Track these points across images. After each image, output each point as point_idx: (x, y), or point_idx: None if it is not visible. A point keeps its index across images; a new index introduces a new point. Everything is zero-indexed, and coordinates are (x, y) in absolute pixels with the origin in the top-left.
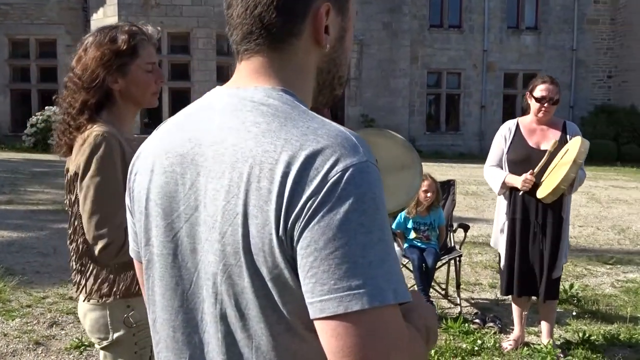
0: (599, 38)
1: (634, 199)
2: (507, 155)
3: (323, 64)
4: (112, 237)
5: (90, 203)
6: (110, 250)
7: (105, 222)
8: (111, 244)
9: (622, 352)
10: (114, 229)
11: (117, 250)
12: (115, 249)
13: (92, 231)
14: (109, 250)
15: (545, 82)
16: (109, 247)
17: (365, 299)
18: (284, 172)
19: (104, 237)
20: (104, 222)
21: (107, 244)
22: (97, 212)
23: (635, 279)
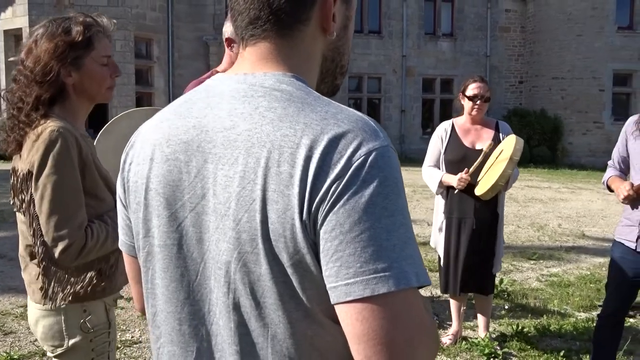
0: (510, 45)
1: (548, 197)
2: (444, 155)
3: (328, 52)
4: (73, 238)
5: (48, 203)
6: (71, 252)
7: (65, 222)
8: (72, 246)
9: (553, 342)
10: (74, 230)
11: (78, 252)
12: (76, 250)
13: (52, 233)
14: (70, 252)
15: (476, 81)
16: (70, 248)
17: (392, 281)
18: (307, 156)
19: (64, 239)
20: (64, 223)
21: (68, 245)
22: (55, 213)
23: (557, 273)
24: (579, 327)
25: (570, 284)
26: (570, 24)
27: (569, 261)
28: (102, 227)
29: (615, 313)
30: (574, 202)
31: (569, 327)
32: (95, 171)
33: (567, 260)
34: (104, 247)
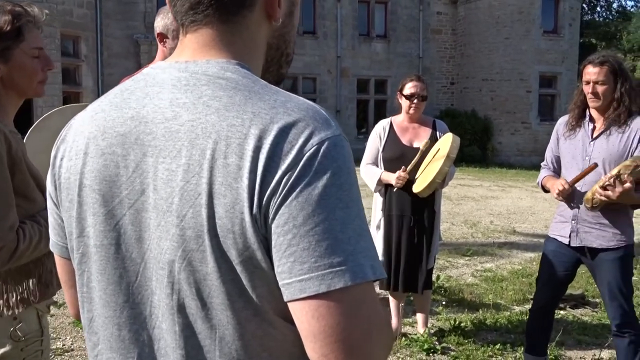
0: (442, 47)
1: (480, 195)
2: (383, 153)
3: (273, 40)
4: (4, 241)
5: None
6: (2, 255)
7: None
8: (2, 249)
9: (489, 335)
10: (5, 232)
11: (10, 256)
12: (7, 253)
13: None
14: (1, 256)
15: (413, 80)
16: (1, 252)
17: (348, 275)
18: (256, 147)
19: None
20: None
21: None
22: None
23: (491, 268)
24: (513, 320)
25: (503, 278)
26: (498, 27)
27: (501, 257)
28: (34, 228)
29: (546, 306)
30: (505, 199)
31: (504, 321)
32: (26, 170)
33: (499, 255)
34: (37, 250)
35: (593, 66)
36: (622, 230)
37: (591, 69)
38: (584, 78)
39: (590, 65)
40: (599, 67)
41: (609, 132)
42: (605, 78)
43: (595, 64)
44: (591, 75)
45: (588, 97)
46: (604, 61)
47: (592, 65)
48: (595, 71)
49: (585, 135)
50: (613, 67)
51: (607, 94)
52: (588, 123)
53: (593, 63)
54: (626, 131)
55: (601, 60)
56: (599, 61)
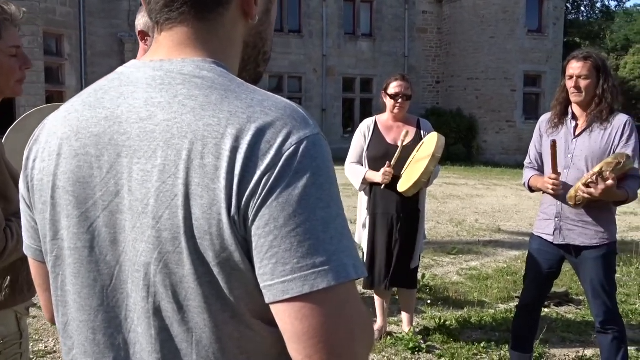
0: (427, 46)
1: (465, 194)
2: (367, 152)
3: (250, 38)
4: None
5: None
6: None
7: None
8: None
9: (474, 333)
10: None
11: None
12: None
13: None
14: None
15: (398, 80)
16: None
17: (331, 275)
18: (233, 147)
19: None
20: None
21: None
22: None
23: (476, 266)
24: (498, 319)
25: (488, 276)
26: (483, 26)
27: (486, 255)
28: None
29: (532, 303)
30: (490, 198)
31: (489, 319)
32: (5, 170)
33: (485, 254)
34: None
35: (577, 61)
36: (605, 227)
37: (575, 63)
38: (568, 73)
39: (574, 60)
40: (583, 62)
41: (591, 129)
42: (589, 73)
43: (579, 59)
44: (575, 70)
45: (571, 91)
46: (588, 56)
47: (576, 60)
48: (579, 65)
49: (568, 133)
50: (596, 63)
51: (589, 89)
52: (570, 120)
53: (577, 58)
54: (608, 128)
55: (585, 56)
56: (583, 56)
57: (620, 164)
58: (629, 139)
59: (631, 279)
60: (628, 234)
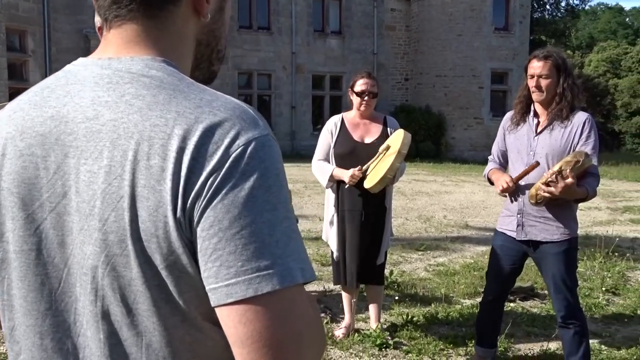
0: (396, 43)
1: (434, 190)
2: (334, 149)
3: (202, 36)
4: None
5: None
6: None
7: None
8: None
9: (441, 329)
10: None
11: None
12: None
13: None
14: None
15: (364, 77)
16: None
17: (276, 279)
18: (180, 147)
19: None
20: None
21: None
22: None
23: (444, 262)
24: (464, 314)
25: (455, 272)
26: (451, 24)
27: (454, 251)
28: None
29: (496, 299)
30: (458, 194)
31: (455, 314)
32: None
33: (452, 250)
34: None
35: (537, 60)
36: (566, 224)
37: (536, 63)
38: (529, 72)
39: (535, 60)
40: (544, 61)
41: (552, 127)
42: (549, 72)
43: (539, 58)
44: (536, 69)
45: (532, 90)
46: (548, 56)
47: (537, 59)
48: (539, 65)
49: (530, 130)
50: (557, 62)
51: (550, 88)
52: (532, 118)
53: (538, 57)
54: (568, 126)
55: (545, 55)
56: (544, 55)
57: (579, 163)
58: (589, 136)
59: (594, 273)
60: (592, 229)
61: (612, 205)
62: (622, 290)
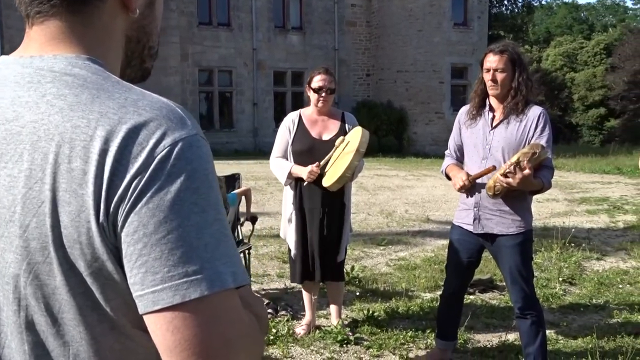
0: (357, 39)
1: (396, 185)
2: (292, 146)
3: (132, 32)
4: None
5: None
6: None
7: None
8: None
9: (402, 323)
10: None
11: None
12: None
13: None
14: None
15: (321, 73)
16: None
17: (204, 284)
18: (102, 150)
19: None
20: None
21: None
22: None
23: (405, 256)
24: (425, 307)
25: (416, 266)
26: (411, 19)
27: (415, 245)
28: None
29: (455, 292)
30: (420, 188)
31: (416, 308)
32: None
33: (413, 244)
34: None
35: (493, 54)
36: (521, 216)
37: (492, 57)
38: (485, 66)
39: (491, 54)
40: (499, 55)
41: (507, 120)
42: (505, 66)
43: (495, 53)
44: (491, 63)
45: (488, 84)
46: (504, 50)
47: (493, 53)
48: (495, 59)
49: (486, 124)
50: (512, 56)
51: (506, 82)
52: (488, 112)
53: (493, 51)
54: (523, 120)
55: (501, 49)
56: (499, 50)
57: (535, 154)
58: (543, 130)
59: (552, 264)
60: (550, 220)
61: (569, 197)
62: (578, 280)
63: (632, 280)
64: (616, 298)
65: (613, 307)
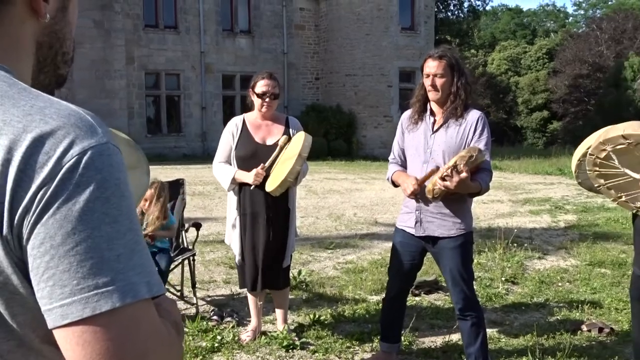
0: (306, 43)
1: (345, 188)
2: (236, 151)
3: (43, 38)
4: None
5: None
6: None
7: None
8: None
9: (347, 327)
10: None
11: None
12: None
13: None
14: None
15: (265, 78)
16: None
17: (116, 296)
18: (5, 159)
19: None
20: None
21: None
22: None
23: (352, 260)
24: (371, 310)
25: (363, 269)
26: (359, 23)
27: (363, 248)
28: None
29: (398, 295)
30: (368, 191)
31: (362, 311)
32: None
33: (361, 247)
34: None
35: (433, 60)
36: (461, 218)
37: (431, 62)
38: (425, 71)
39: (430, 59)
40: (438, 60)
41: (447, 125)
42: (444, 71)
43: (434, 58)
44: (431, 69)
45: (428, 89)
46: (443, 55)
47: (432, 59)
48: (434, 64)
49: (427, 128)
50: (451, 62)
51: (445, 87)
52: (429, 116)
53: (433, 57)
54: (462, 124)
55: (440, 55)
56: (438, 55)
57: (472, 157)
58: (482, 133)
59: (495, 264)
60: (494, 221)
61: (514, 198)
62: (520, 279)
63: (572, 278)
64: (556, 296)
65: (553, 304)
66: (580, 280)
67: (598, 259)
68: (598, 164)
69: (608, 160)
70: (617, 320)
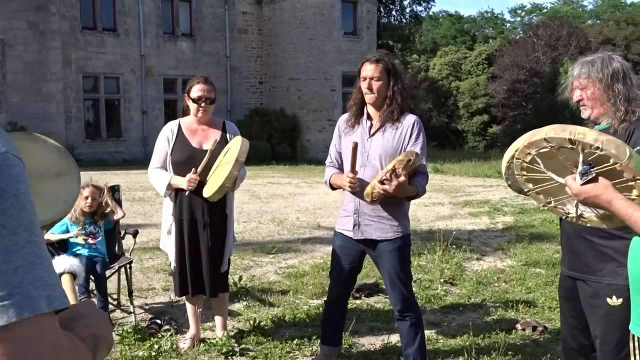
0: (249, 47)
1: (289, 193)
2: (171, 156)
3: None
4: None
5: None
6: None
7: None
8: None
9: (288, 331)
10: None
11: None
12: None
13: None
14: None
15: (200, 83)
16: None
17: (12, 310)
18: None
19: None
20: None
21: None
22: None
23: (294, 264)
24: (311, 314)
25: (305, 273)
26: (302, 28)
27: (305, 252)
28: None
29: (338, 298)
30: (312, 195)
31: (303, 315)
32: None
33: (303, 251)
34: None
35: (370, 63)
36: (399, 221)
37: (368, 65)
38: (362, 74)
39: (367, 63)
40: (375, 64)
41: (384, 128)
42: (380, 75)
43: (371, 62)
44: (367, 72)
45: (364, 92)
46: (380, 59)
47: (369, 62)
48: (371, 68)
49: (364, 132)
50: (387, 66)
51: (381, 90)
52: (366, 120)
53: (370, 60)
54: (399, 128)
55: (377, 59)
56: (375, 59)
57: (410, 161)
58: (418, 137)
59: (434, 266)
60: (435, 223)
61: (454, 200)
62: (458, 280)
63: (508, 279)
64: (492, 296)
65: (489, 305)
66: (516, 280)
67: (533, 259)
68: (525, 167)
69: (533, 164)
70: (550, 319)
